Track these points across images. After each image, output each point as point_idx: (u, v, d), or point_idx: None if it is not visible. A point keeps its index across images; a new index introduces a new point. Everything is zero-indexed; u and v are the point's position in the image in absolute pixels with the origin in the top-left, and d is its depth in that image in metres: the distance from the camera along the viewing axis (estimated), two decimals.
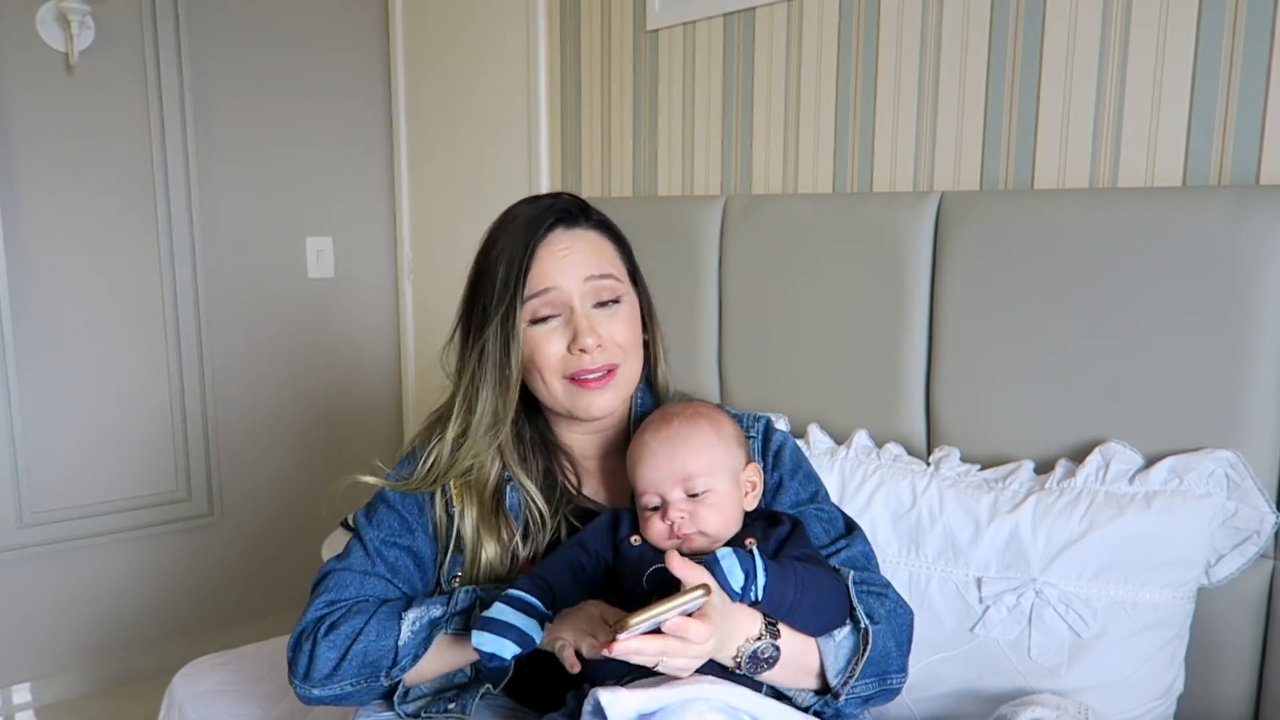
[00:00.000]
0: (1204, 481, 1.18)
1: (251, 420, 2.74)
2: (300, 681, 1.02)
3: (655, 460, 1.00)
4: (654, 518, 0.99)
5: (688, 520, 0.97)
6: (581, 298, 1.07)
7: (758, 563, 0.88)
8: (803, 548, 0.99)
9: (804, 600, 0.91)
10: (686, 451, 0.99)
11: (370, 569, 1.07)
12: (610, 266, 1.10)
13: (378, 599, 1.05)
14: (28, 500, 2.40)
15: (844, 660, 0.97)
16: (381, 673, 1.00)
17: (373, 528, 1.10)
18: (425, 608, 1.01)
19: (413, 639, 0.99)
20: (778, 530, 1.00)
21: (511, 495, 1.10)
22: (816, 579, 0.94)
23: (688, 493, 0.98)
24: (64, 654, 2.53)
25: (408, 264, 2.90)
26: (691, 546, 0.97)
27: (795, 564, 0.93)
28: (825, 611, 0.95)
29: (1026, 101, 1.43)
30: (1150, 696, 1.19)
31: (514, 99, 2.41)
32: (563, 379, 1.07)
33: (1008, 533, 1.26)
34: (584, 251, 1.08)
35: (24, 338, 2.36)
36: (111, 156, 2.44)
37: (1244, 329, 1.16)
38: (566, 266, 1.07)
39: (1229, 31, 1.23)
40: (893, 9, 1.59)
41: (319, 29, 2.73)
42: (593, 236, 1.11)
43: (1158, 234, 1.22)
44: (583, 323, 1.06)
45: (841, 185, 1.70)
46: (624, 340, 1.09)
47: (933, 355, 1.46)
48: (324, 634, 1.01)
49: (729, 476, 1.01)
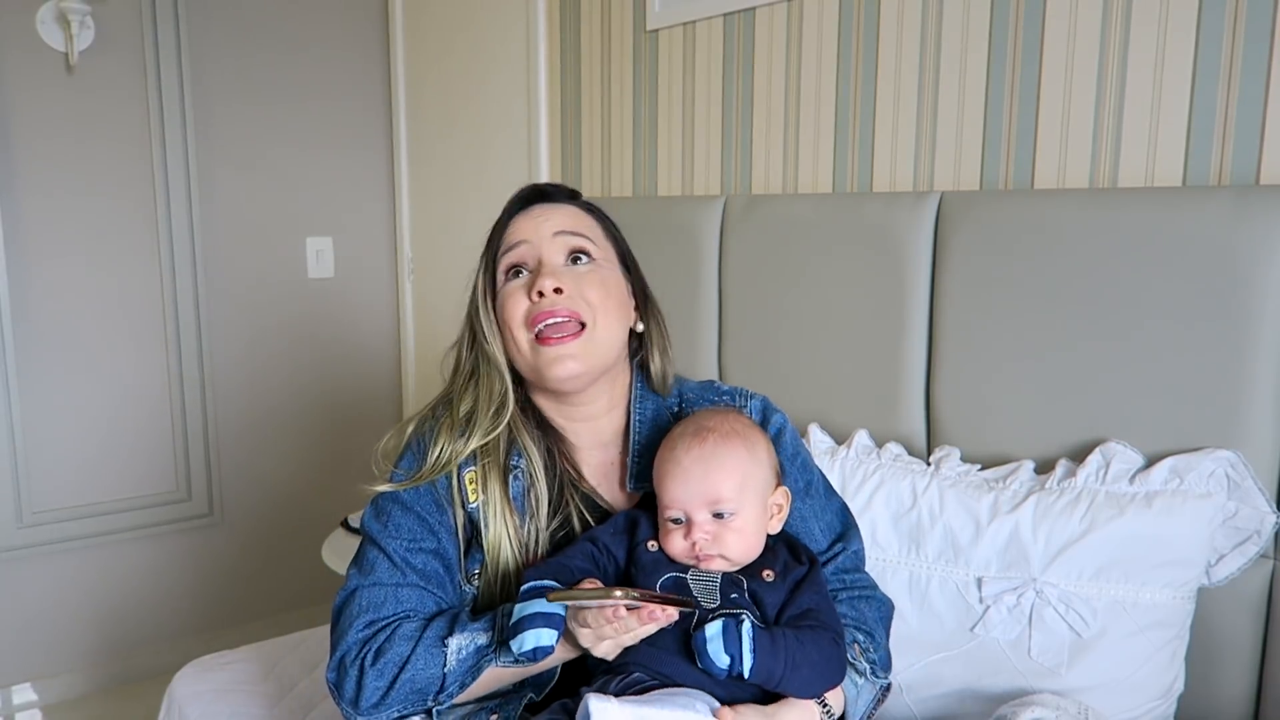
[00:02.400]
0: (1204, 481, 1.18)
1: (251, 420, 2.74)
2: (349, 707, 1.00)
3: (686, 478, 0.98)
4: (676, 533, 0.97)
5: (711, 542, 0.96)
6: (551, 251, 1.07)
7: (745, 643, 0.87)
8: (813, 593, 0.97)
9: (794, 676, 0.90)
10: (719, 474, 0.97)
11: (402, 580, 1.03)
12: (587, 231, 1.10)
13: (417, 614, 1.02)
14: (28, 500, 2.40)
15: (864, 707, 1.04)
16: (429, 697, 0.98)
17: (392, 536, 1.05)
18: (470, 635, 0.98)
19: (459, 666, 0.97)
20: (795, 571, 0.99)
21: (515, 484, 1.07)
22: (809, 653, 0.91)
23: (714, 514, 0.97)
24: (64, 654, 2.53)
25: (408, 264, 2.90)
26: (710, 567, 0.96)
27: (790, 638, 0.91)
28: (815, 683, 0.93)
29: (1026, 101, 1.43)
30: (1150, 696, 1.19)
31: (514, 99, 2.41)
32: (527, 332, 1.04)
33: (1008, 533, 1.26)
34: (558, 216, 1.10)
35: (24, 338, 2.36)
36: (111, 156, 2.44)
37: (1244, 329, 1.16)
38: (540, 223, 1.08)
39: (1229, 31, 1.23)
40: (893, 9, 1.59)
41: (319, 29, 2.74)
42: (573, 209, 1.13)
43: (1158, 234, 1.22)
44: (545, 268, 1.05)
45: (841, 185, 1.70)
46: (594, 298, 1.05)
47: (933, 355, 1.46)
48: (370, 662, 0.98)
49: (757, 500, 0.99)
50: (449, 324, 1.17)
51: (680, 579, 0.96)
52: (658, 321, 1.16)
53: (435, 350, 2.81)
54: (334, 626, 1.04)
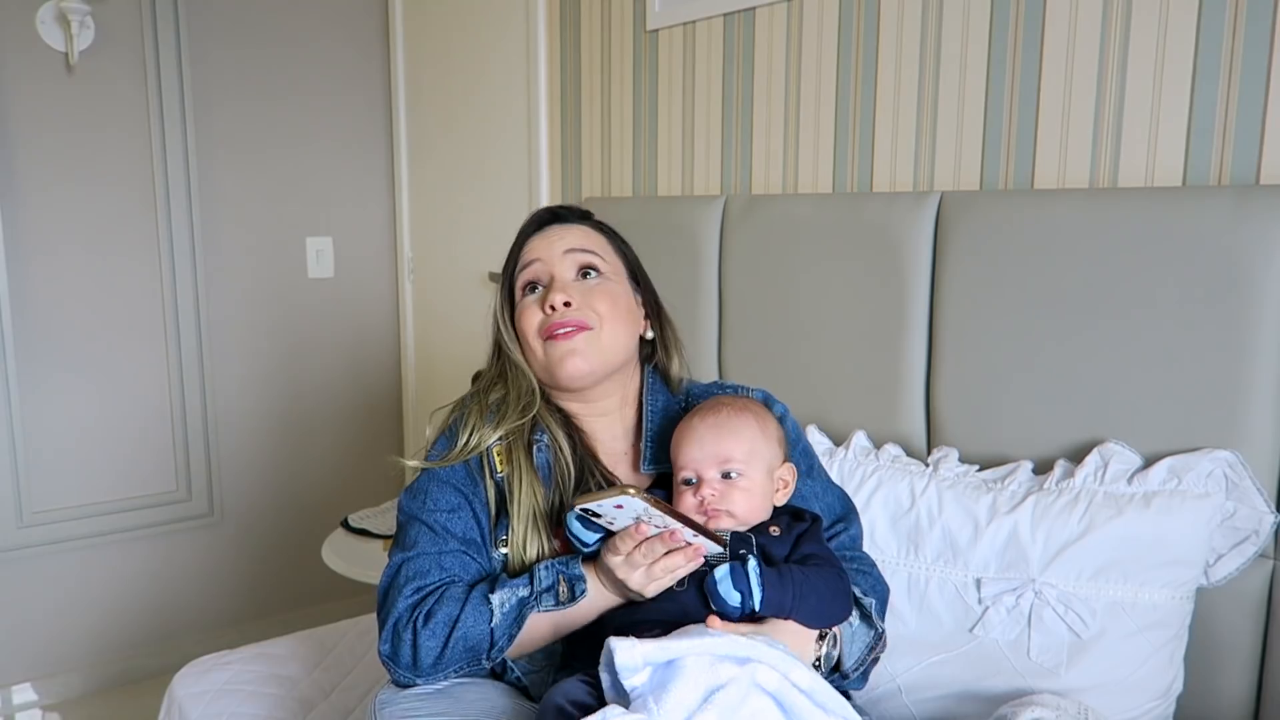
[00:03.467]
0: (1203, 481, 1.18)
1: (251, 420, 2.74)
2: (408, 672, 1.04)
3: (699, 440, 1.07)
4: (687, 492, 1.06)
5: (718, 498, 1.04)
6: (562, 268, 1.16)
7: (752, 579, 0.95)
8: (815, 544, 1.06)
9: (802, 605, 0.98)
10: (730, 438, 1.06)
11: (444, 547, 1.09)
12: (596, 248, 1.19)
13: (461, 579, 1.08)
14: (28, 500, 2.41)
15: (859, 653, 1.10)
16: (483, 655, 1.03)
17: (430, 509, 1.11)
18: (511, 589, 1.04)
19: (504, 620, 1.02)
20: (799, 525, 1.07)
21: (539, 455, 1.14)
22: (815, 584, 1.00)
23: (723, 474, 1.05)
24: (64, 654, 2.53)
25: (408, 264, 2.90)
26: (717, 524, 1.03)
27: (795, 571, 0.99)
28: (824, 613, 1.02)
29: (1026, 101, 1.43)
30: (1149, 696, 1.19)
31: (514, 99, 2.41)
32: (542, 341, 1.14)
33: (1007, 533, 1.26)
34: (571, 235, 1.19)
35: (24, 337, 2.36)
36: (112, 156, 2.44)
37: (1243, 329, 1.16)
38: (552, 241, 1.18)
39: (1229, 31, 1.23)
40: (893, 9, 1.59)
41: (319, 28, 2.74)
42: (583, 228, 1.22)
43: (1158, 234, 1.22)
44: (556, 284, 1.15)
45: (841, 185, 1.70)
46: (602, 309, 1.14)
47: (932, 355, 1.46)
48: (422, 624, 1.03)
49: (764, 468, 1.07)
50: (449, 323, 1.21)
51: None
52: (670, 329, 1.26)
53: (435, 350, 2.81)
54: (381, 605, 1.08)
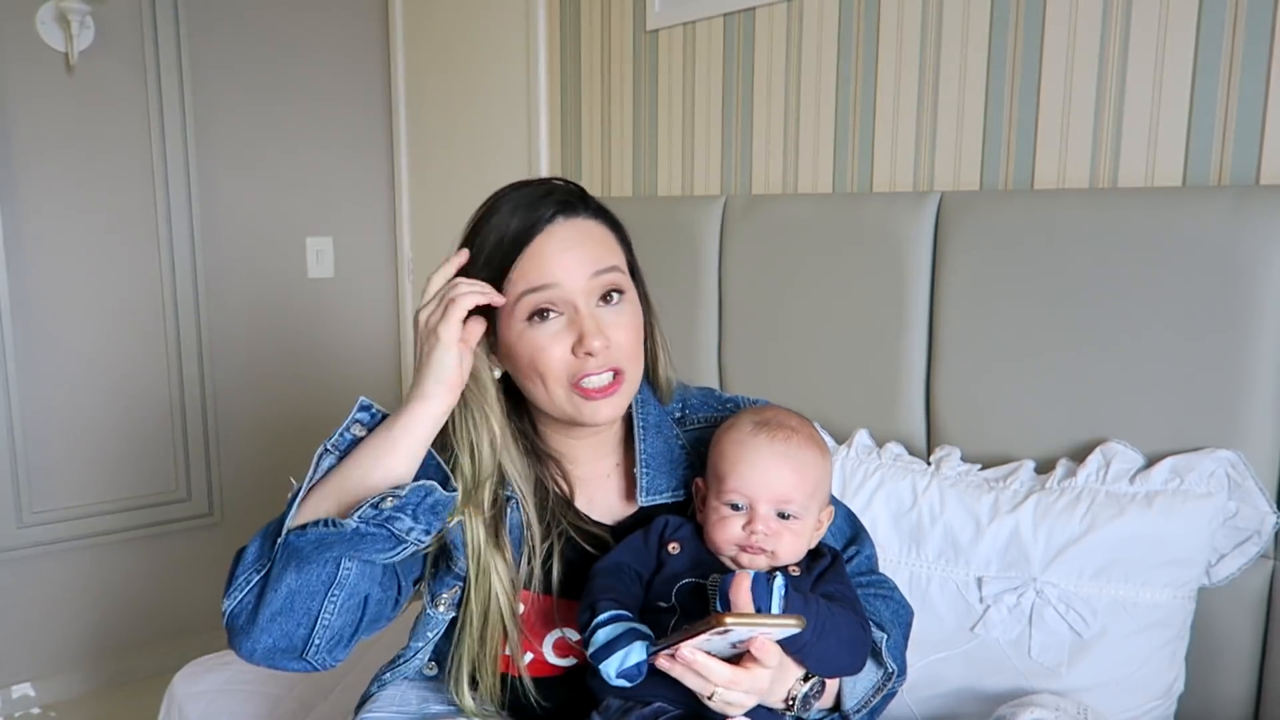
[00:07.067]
0: (1205, 481, 1.18)
1: (251, 420, 2.74)
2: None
3: (764, 468, 0.94)
4: (734, 520, 0.94)
5: (768, 538, 0.93)
6: (586, 296, 0.97)
7: (774, 595, 0.85)
8: (838, 583, 0.96)
9: (819, 645, 0.87)
10: (797, 475, 0.94)
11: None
12: (615, 259, 1.01)
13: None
14: (28, 500, 2.40)
15: (862, 694, 1.00)
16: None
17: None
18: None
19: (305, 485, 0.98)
20: (820, 563, 0.97)
21: (512, 514, 1.02)
22: (837, 626, 0.89)
23: (779, 513, 0.94)
24: (64, 654, 2.53)
25: (408, 264, 2.90)
26: (754, 562, 0.93)
27: (821, 604, 0.88)
28: (834, 662, 0.92)
29: (1026, 101, 1.43)
30: (1150, 696, 1.19)
31: (514, 99, 2.41)
32: (567, 387, 0.97)
33: (1008, 532, 1.26)
34: (586, 245, 0.99)
35: (24, 337, 2.36)
36: (111, 157, 2.44)
37: (1244, 329, 1.16)
38: (569, 262, 0.97)
39: (1229, 31, 1.23)
40: (893, 9, 1.59)
41: (319, 29, 2.73)
42: (593, 226, 1.01)
43: (1158, 234, 1.22)
44: (588, 323, 0.96)
45: (841, 185, 1.70)
46: (628, 344, 0.99)
47: (933, 355, 1.46)
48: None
49: (818, 511, 0.97)
50: None
51: (698, 584, 0.93)
52: (659, 328, 1.11)
53: None
54: None
